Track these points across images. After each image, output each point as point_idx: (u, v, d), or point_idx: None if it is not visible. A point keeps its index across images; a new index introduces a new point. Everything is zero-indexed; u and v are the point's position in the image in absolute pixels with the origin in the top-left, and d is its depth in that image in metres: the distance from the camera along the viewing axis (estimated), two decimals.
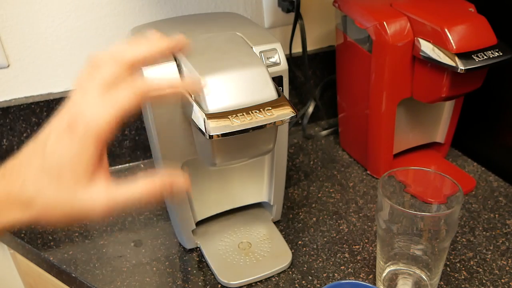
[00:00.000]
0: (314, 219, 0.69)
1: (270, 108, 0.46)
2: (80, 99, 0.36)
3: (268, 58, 0.54)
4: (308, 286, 0.58)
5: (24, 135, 0.75)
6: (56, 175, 0.36)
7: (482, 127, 0.76)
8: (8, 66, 0.73)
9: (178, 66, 0.51)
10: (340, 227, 0.67)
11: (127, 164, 0.83)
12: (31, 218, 0.37)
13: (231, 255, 0.62)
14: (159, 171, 0.38)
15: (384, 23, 0.64)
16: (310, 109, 0.90)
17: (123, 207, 0.37)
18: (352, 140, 0.82)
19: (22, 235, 0.68)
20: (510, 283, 0.56)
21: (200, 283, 0.59)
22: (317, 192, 0.74)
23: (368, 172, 0.78)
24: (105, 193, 0.37)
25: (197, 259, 0.63)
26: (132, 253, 0.64)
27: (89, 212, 0.37)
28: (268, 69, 0.50)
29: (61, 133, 0.36)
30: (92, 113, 0.35)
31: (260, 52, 0.54)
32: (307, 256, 0.62)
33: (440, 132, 0.78)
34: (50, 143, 0.36)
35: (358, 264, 0.61)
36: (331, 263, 0.61)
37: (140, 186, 0.37)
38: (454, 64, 0.59)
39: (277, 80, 0.55)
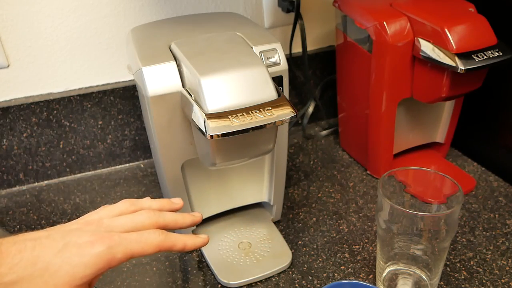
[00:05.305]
0: (314, 219, 0.69)
1: (270, 108, 0.46)
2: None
3: (268, 58, 0.54)
4: (308, 286, 0.58)
5: (24, 135, 0.75)
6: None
7: (482, 127, 0.76)
8: (8, 66, 0.73)
9: (178, 66, 0.51)
10: (340, 227, 0.67)
11: (127, 164, 0.83)
12: None
13: (231, 255, 0.62)
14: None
15: (384, 23, 0.64)
16: (310, 109, 0.90)
17: None
18: (352, 140, 0.82)
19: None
20: (510, 283, 0.56)
21: (200, 283, 0.59)
22: (317, 192, 0.74)
23: (368, 172, 0.78)
24: None
25: (197, 259, 0.63)
26: None
27: None
28: (268, 69, 0.50)
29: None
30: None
31: (260, 52, 0.54)
32: (307, 256, 0.62)
33: (440, 132, 0.78)
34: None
35: (358, 264, 0.60)
36: (331, 263, 0.61)
37: None
38: (454, 64, 0.59)
39: (277, 80, 0.55)
